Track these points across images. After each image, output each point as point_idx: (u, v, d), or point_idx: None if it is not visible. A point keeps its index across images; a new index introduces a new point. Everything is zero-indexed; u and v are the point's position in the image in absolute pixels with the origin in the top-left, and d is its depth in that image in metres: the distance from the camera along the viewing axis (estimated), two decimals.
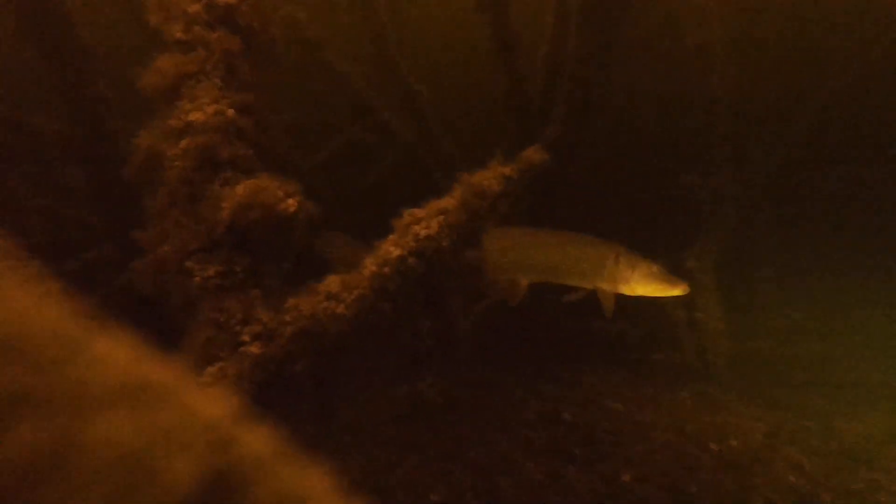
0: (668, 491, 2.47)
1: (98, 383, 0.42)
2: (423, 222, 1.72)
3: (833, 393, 5.00)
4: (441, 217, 1.73)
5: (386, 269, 1.66)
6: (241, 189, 1.61)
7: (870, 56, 5.93)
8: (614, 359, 4.85)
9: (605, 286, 2.87)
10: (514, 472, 2.60)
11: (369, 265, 1.69)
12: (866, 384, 5.30)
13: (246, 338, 1.57)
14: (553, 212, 4.08)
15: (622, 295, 3.19)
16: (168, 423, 0.43)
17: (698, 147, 5.43)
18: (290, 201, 1.65)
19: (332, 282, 1.66)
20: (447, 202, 1.77)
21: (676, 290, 2.89)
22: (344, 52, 5.71)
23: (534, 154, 1.90)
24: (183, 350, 1.57)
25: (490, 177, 1.82)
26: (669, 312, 5.50)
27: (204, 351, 1.54)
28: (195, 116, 1.73)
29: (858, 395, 5.05)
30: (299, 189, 1.69)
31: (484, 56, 3.70)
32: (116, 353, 0.46)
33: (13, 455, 0.37)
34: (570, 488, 2.47)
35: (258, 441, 0.47)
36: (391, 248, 1.69)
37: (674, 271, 3.00)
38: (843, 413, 4.49)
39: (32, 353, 0.41)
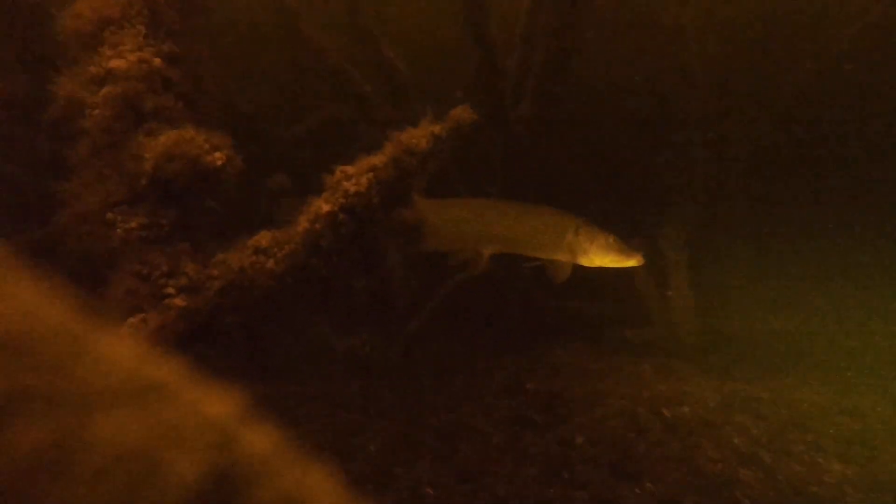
0: (618, 451, 2.60)
1: (102, 382, 0.43)
2: (353, 179, 1.76)
3: (795, 368, 5.18)
4: (371, 174, 1.77)
5: (317, 226, 1.71)
6: (164, 139, 1.61)
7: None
8: (585, 335, 4.99)
9: (563, 257, 2.96)
10: (474, 437, 2.71)
11: (302, 221, 1.74)
12: (832, 361, 5.50)
13: (171, 290, 1.60)
14: (525, 188, 4.15)
15: (599, 274, 3.29)
16: (171, 421, 0.44)
17: (673, 128, 5.51)
18: (217, 154, 1.67)
19: (262, 237, 1.70)
20: (377, 159, 1.81)
21: (631, 261, 3.01)
22: (320, 24, 5.67)
23: (462, 113, 1.95)
24: (104, 301, 1.59)
25: (419, 135, 1.86)
26: (641, 290, 5.65)
27: (125, 302, 1.56)
28: (116, 64, 1.71)
29: (822, 371, 5.24)
30: (228, 142, 1.71)
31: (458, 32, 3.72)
32: (120, 352, 0.46)
33: (17, 453, 0.37)
34: (525, 451, 2.59)
35: (261, 440, 0.48)
36: (322, 204, 1.74)
37: (633, 245, 3.11)
38: (800, 387, 4.67)
39: (36, 351, 0.41)
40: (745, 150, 6.54)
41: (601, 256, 2.95)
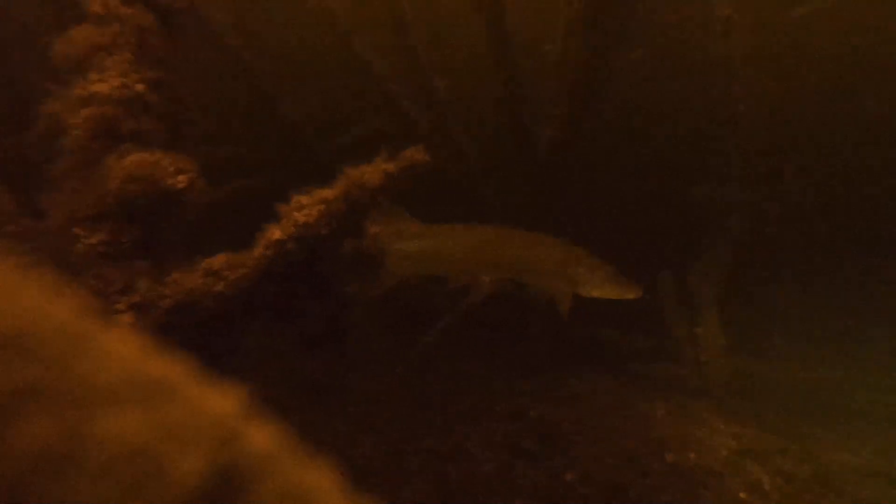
0: (608, 492, 2.52)
1: (106, 378, 0.43)
2: (304, 209, 1.82)
3: (831, 422, 4.89)
4: (321, 206, 1.83)
5: (268, 252, 1.78)
6: (129, 161, 1.71)
7: None
8: (608, 366, 4.87)
9: (563, 287, 2.94)
10: (464, 462, 2.70)
11: (258, 246, 1.81)
12: (873, 416, 5.16)
13: (122, 307, 1.68)
14: (550, 216, 4.13)
15: (630, 306, 3.23)
16: (175, 418, 0.44)
17: (711, 160, 5.36)
18: (181, 177, 1.76)
19: (217, 259, 1.77)
20: (329, 192, 1.87)
21: (630, 294, 2.98)
22: (369, 42, 5.84)
23: (415, 154, 1.98)
24: None
25: (372, 171, 1.90)
26: (670, 325, 5.47)
27: None
28: (99, 87, 1.83)
29: (861, 426, 4.92)
30: (195, 167, 1.80)
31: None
32: (124, 349, 0.46)
33: (21, 449, 0.37)
34: (513, 482, 2.56)
35: (264, 437, 0.48)
36: (274, 231, 1.80)
37: (632, 278, 3.05)
38: (832, 442, 4.40)
39: (40, 347, 0.42)
40: (795, 188, 6.27)
41: (600, 288, 2.94)
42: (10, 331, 0.41)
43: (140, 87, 1.88)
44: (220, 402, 0.48)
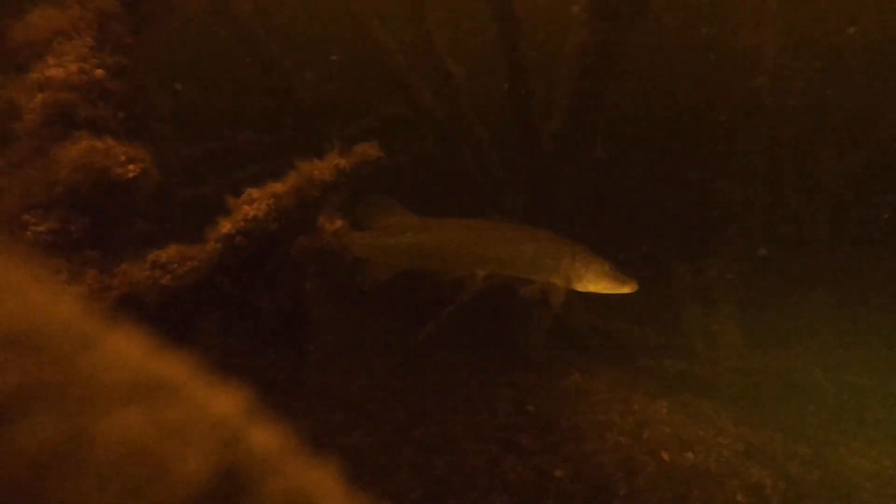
0: (596, 490, 2.49)
1: (110, 379, 0.43)
2: (255, 203, 1.80)
3: (849, 426, 4.71)
4: (271, 200, 1.81)
5: (218, 245, 1.76)
6: (77, 149, 1.71)
7: None
8: (616, 360, 4.79)
9: (558, 282, 2.89)
10: (454, 454, 2.69)
11: (210, 239, 1.80)
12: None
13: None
14: (552, 211, 4.05)
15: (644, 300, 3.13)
16: (179, 418, 0.44)
17: (732, 154, 5.16)
18: (131, 167, 1.75)
19: (165, 252, 1.76)
20: (279, 186, 1.85)
21: (626, 289, 2.91)
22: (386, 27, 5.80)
23: (369, 149, 1.94)
24: None
25: (324, 167, 1.87)
26: (686, 320, 5.34)
27: None
28: (54, 72, 1.81)
29: (880, 432, 4.73)
30: (147, 156, 1.79)
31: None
32: (128, 349, 0.47)
33: (26, 448, 0.38)
34: (501, 476, 2.54)
35: (267, 437, 0.48)
36: (224, 224, 1.79)
37: (629, 273, 2.98)
38: (852, 448, 4.24)
39: (46, 348, 0.42)
40: (831, 180, 5.99)
41: (595, 283, 2.88)
42: (16, 330, 0.41)
43: (99, 72, 1.88)
44: (224, 402, 0.49)
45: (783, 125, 5.17)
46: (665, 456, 2.83)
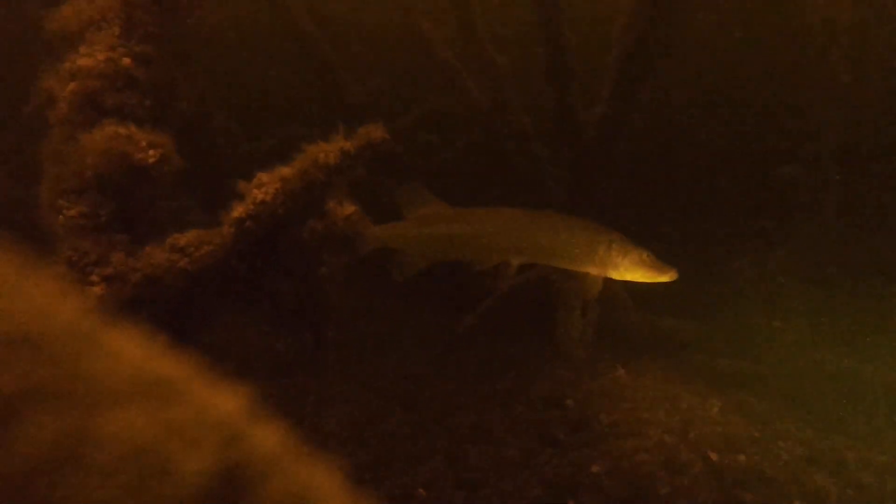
0: (635, 488, 2.37)
1: (112, 378, 0.43)
2: (263, 187, 1.80)
3: None
4: (279, 184, 1.80)
5: (232, 230, 1.78)
6: (99, 135, 1.77)
7: None
8: (666, 357, 4.58)
9: (594, 271, 2.78)
10: (489, 445, 2.65)
11: (225, 223, 1.82)
12: None
13: (95, 278, 1.75)
14: (599, 201, 3.90)
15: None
16: (181, 418, 0.44)
17: (800, 136, 4.81)
18: (151, 152, 1.80)
19: (185, 236, 1.80)
20: (286, 170, 1.84)
21: (665, 277, 2.76)
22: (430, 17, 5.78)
23: (373, 131, 1.89)
24: None
25: (329, 150, 1.85)
26: (746, 318, 5.03)
27: None
28: (84, 61, 1.89)
29: None
30: (168, 142, 1.82)
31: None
32: (130, 349, 0.47)
33: (29, 447, 0.38)
34: (535, 469, 2.47)
35: (269, 437, 0.48)
36: (237, 208, 1.81)
37: (668, 260, 2.81)
38: None
39: (48, 348, 0.42)
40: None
41: (633, 271, 2.75)
42: (18, 331, 0.42)
43: (126, 61, 1.95)
44: (226, 402, 0.49)
45: (859, 106, 4.77)
46: (713, 456, 2.67)
